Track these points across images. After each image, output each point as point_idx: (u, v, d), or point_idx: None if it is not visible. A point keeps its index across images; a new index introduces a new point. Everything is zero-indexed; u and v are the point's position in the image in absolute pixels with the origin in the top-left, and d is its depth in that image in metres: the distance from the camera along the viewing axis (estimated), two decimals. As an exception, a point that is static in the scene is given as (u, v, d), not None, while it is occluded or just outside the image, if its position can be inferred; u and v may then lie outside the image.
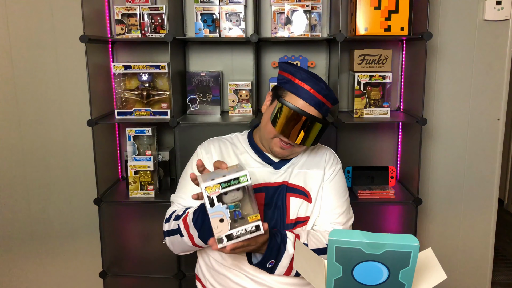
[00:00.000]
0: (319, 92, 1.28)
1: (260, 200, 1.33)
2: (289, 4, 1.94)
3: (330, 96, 1.31)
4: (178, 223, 1.26)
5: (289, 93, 1.31)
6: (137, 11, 1.94)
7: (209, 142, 1.44)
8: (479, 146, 2.18)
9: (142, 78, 1.99)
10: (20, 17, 2.12)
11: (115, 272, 2.08)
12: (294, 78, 1.30)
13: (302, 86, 1.29)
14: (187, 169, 1.43)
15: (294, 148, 1.34)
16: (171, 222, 1.31)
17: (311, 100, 1.28)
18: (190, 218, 1.22)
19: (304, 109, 1.28)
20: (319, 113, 1.31)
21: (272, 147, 1.35)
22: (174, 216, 1.30)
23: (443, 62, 2.12)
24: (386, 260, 0.90)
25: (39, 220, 2.32)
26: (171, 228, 1.30)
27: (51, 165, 2.26)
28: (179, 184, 1.42)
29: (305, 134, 1.29)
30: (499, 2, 2.03)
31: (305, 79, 1.29)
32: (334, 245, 0.89)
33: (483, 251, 2.28)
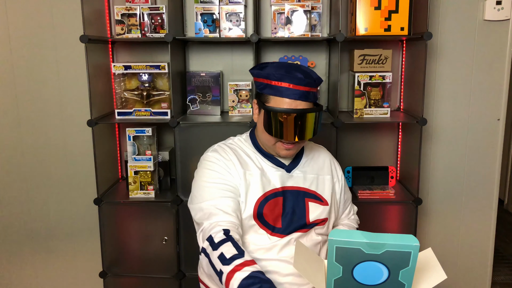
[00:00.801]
0: (298, 84, 1.25)
1: (279, 204, 1.34)
2: (289, 4, 1.94)
3: (311, 82, 1.27)
4: (222, 270, 1.12)
5: (271, 97, 1.29)
6: (137, 11, 1.94)
7: (221, 148, 1.39)
8: (479, 146, 2.18)
9: (142, 78, 1.99)
10: (20, 17, 2.12)
11: (115, 272, 2.08)
12: (270, 81, 1.28)
13: (281, 86, 1.26)
14: (205, 175, 1.34)
15: (299, 144, 1.33)
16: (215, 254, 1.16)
17: (295, 95, 1.26)
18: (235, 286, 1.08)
19: (291, 106, 1.26)
20: (307, 103, 1.28)
21: (278, 152, 1.34)
22: (220, 252, 1.15)
23: (443, 62, 2.12)
24: (386, 260, 0.89)
25: (39, 220, 2.32)
26: (213, 262, 1.17)
27: (51, 165, 2.26)
28: (201, 190, 1.32)
29: (303, 129, 1.27)
30: (499, 2, 2.03)
31: (281, 78, 1.26)
32: (334, 245, 0.89)
33: (483, 251, 2.28)
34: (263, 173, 1.36)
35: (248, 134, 1.46)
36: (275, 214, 1.33)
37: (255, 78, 1.35)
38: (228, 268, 1.11)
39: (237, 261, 1.12)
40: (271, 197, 1.33)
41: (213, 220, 1.24)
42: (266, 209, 1.32)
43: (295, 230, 1.33)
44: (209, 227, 1.23)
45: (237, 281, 1.08)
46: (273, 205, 1.33)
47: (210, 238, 1.20)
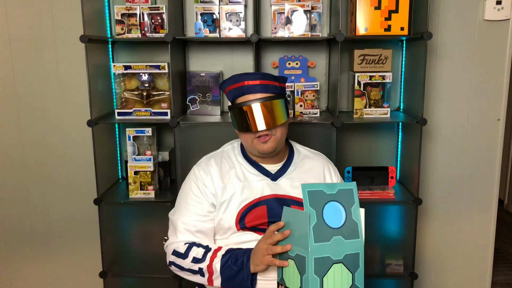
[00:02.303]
0: (254, 79, 1.36)
1: (263, 212, 1.37)
2: (289, 4, 1.94)
3: (267, 76, 1.38)
4: (201, 267, 1.33)
5: (238, 98, 1.39)
6: (137, 11, 1.94)
7: (206, 162, 1.47)
8: (479, 146, 2.18)
9: (142, 78, 1.99)
10: (20, 17, 2.12)
11: (115, 272, 2.08)
12: (231, 86, 1.39)
13: (239, 86, 1.37)
14: (186, 190, 1.46)
15: (273, 136, 1.37)
16: (187, 261, 1.35)
17: (253, 89, 1.36)
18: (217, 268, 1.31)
19: (252, 98, 1.36)
20: (268, 94, 1.37)
21: (258, 149, 1.38)
22: (192, 257, 1.34)
23: (443, 62, 2.12)
24: (340, 199, 1.15)
25: (39, 220, 2.32)
26: (188, 268, 1.35)
27: (51, 165, 2.26)
28: (180, 205, 1.46)
29: (270, 115, 1.34)
30: (499, 2, 2.03)
31: (238, 80, 1.38)
32: (306, 189, 1.13)
33: (483, 251, 2.28)
34: (245, 184, 1.40)
35: (240, 142, 1.51)
36: (260, 221, 1.37)
37: (225, 90, 1.45)
38: (205, 263, 1.32)
39: (209, 254, 1.33)
40: (253, 207, 1.37)
41: (179, 238, 1.40)
42: (249, 219, 1.37)
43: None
44: (173, 243, 1.40)
45: (218, 264, 1.30)
46: (256, 214, 1.37)
47: (174, 252, 1.38)
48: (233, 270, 1.28)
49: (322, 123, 1.90)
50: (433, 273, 2.31)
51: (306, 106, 2.02)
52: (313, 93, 2.02)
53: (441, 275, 2.31)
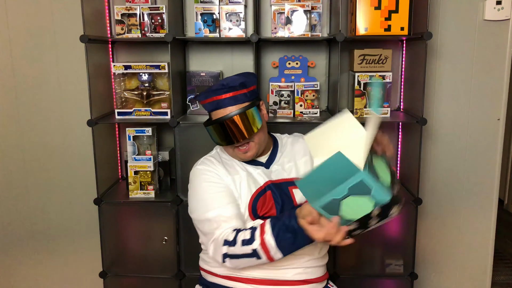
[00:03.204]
0: (218, 94, 1.39)
1: (269, 197, 1.41)
2: (289, 4, 1.94)
3: (233, 87, 1.39)
4: (254, 248, 1.26)
5: (211, 113, 1.44)
6: (137, 11, 1.94)
7: (206, 160, 1.49)
8: (479, 146, 2.18)
9: (142, 78, 1.99)
10: (20, 17, 2.12)
11: (115, 272, 2.08)
12: (203, 101, 1.44)
13: (211, 101, 1.41)
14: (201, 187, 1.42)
15: (252, 144, 1.41)
16: (237, 247, 1.28)
17: (223, 104, 1.39)
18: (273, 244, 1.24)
19: (223, 114, 1.39)
20: (239, 105, 1.40)
21: (240, 158, 1.45)
22: (241, 241, 1.28)
23: (443, 62, 2.12)
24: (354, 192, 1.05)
25: (39, 220, 2.32)
26: (242, 253, 1.28)
27: (51, 165, 2.26)
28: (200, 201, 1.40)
29: (245, 126, 1.38)
30: (499, 2, 2.03)
31: (207, 95, 1.41)
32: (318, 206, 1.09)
33: (483, 251, 2.28)
34: (249, 174, 1.44)
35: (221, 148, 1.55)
36: (269, 206, 1.39)
37: (202, 104, 1.49)
38: (257, 242, 1.25)
39: (257, 232, 1.26)
40: (260, 195, 1.41)
41: (223, 228, 1.33)
42: (259, 206, 1.39)
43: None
44: (220, 235, 1.32)
45: (272, 240, 1.23)
46: (263, 200, 1.40)
47: (225, 241, 1.30)
48: (288, 239, 1.23)
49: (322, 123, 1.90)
50: (433, 273, 2.31)
51: (306, 106, 2.02)
52: (313, 93, 2.02)
53: (441, 275, 2.31)
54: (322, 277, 1.46)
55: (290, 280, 1.37)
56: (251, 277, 1.37)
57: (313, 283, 1.41)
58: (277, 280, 1.37)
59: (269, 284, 1.37)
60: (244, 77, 1.43)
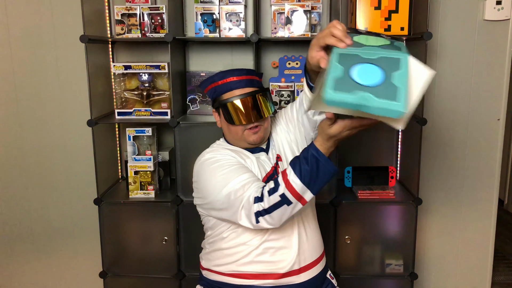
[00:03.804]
0: (240, 75, 1.42)
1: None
2: (289, 4, 1.94)
3: (251, 71, 1.45)
4: (281, 193, 1.19)
5: (223, 94, 1.43)
6: (137, 11, 1.94)
7: (213, 148, 1.49)
8: (479, 146, 2.18)
9: (142, 78, 1.99)
10: (20, 17, 2.12)
11: (115, 272, 2.08)
12: (216, 83, 1.44)
13: (226, 82, 1.42)
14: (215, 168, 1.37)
15: (263, 126, 1.43)
16: (266, 199, 1.22)
17: (241, 84, 1.42)
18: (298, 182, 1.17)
19: (242, 92, 1.41)
20: (254, 88, 1.43)
21: (249, 140, 1.43)
22: (267, 192, 1.22)
23: (443, 62, 2.12)
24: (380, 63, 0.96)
25: (39, 220, 2.32)
26: (271, 204, 1.21)
27: (51, 165, 2.26)
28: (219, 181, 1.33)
29: (261, 107, 1.40)
30: (499, 2, 2.03)
31: (224, 76, 1.42)
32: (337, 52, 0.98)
33: (483, 251, 2.28)
34: (257, 158, 1.45)
35: (223, 140, 1.54)
36: None
37: (205, 90, 1.49)
38: (282, 186, 1.19)
39: (280, 177, 1.21)
40: (271, 177, 1.42)
41: (250, 190, 1.27)
42: None
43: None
44: (249, 197, 1.26)
45: (295, 178, 1.17)
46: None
47: (255, 199, 1.24)
48: (312, 170, 1.16)
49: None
50: (433, 273, 2.31)
51: None
52: (313, 93, 2.02)
53: (441, 275, 2.31)
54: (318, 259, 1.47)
55: (288, 272, 1.38)
56: (254, 272, 1.38)
57: (310, 268, 1.42)
58: (276, 274, 1.38)
59: (270, 278, 1.38)
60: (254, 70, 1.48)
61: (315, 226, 1.50)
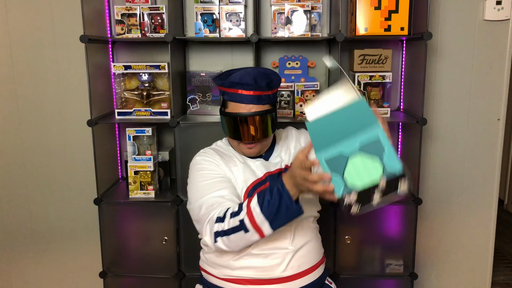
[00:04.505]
0: (248, 89, 1.36)
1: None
2: (289, 4, 1.94)
3: (261, 87, 1.37)
4: (241, 219, 1.21)
5: (228, 102, 1.41)
6: (137, 11, 1.94)
7: (204, 152, 1.50)
8: (479, 146, 2.18)
9: (142, 78, 1.99)
10: (20, 17, 2.12)
11: (115, 272, 2.08)
12: (225, 88, 1.40)
13: (234, 92, 1.39)
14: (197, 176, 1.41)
15: (259, 144, 1.43)
16: (226, 221, 1.24)
17: (247, 100, 1.37)
18: (258, 211, 1.19)
19: (245, 110, 1.37)
20: (261, 106, 1.39)
21: (243, 152, 1.45)
22: (230, 214, 1.24)
23: (443, 62, 2.12)
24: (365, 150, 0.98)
25: (39, 220, 2.32)
26: (231, 227, 1.23)
27: (51, 165, 2.26)
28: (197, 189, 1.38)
29: (260, 128, 1.38)
30: (499, 2, 2.03)
31: (233, 85, 1.37)
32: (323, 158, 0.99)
33: (483, 251, 2.28)
34: (246, 165, 1.45)
35: (226, 140, 1.57)
36: None
37: (218, 86, 1.47)
38: (244, 212, 1.22)
39: (245, 203, 1.24)
40: (258, 186, 1.41)
41: (217, 209, 1.29)
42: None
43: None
44: (214, 215, 1.28)
45: (256, 206, 1.19)
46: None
47: (217, 219, 1.27)
48: (273, 204, 1.17)
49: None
50: (433, 273, 2.31)
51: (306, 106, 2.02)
52: (313, 93, 2.02)
53: (441, 275, 2.31)
54: (315, 266, 1.45)
55: (280, 278, 1.37)
56: (247, 277, 1.37)
57: (306, 274, 1.40)
58: (270, 279, 1.36)
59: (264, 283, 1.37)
60: (271, 77, 1.42)
61: (313, 233, 1.48)
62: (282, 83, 2.05)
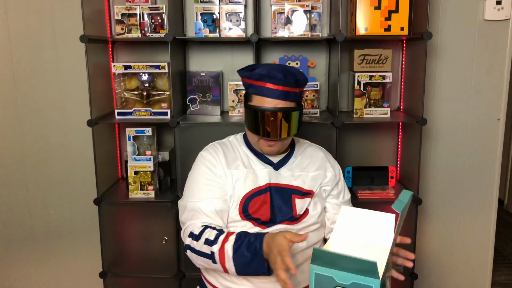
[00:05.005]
0: (278, 84, 1.31)
1: (267, 200, 1.37)
2: (289, 4, 1.94)
3: (290, 83, 1.32)
4: (213, 251, 1.24)
5: (254, 96, 1.36)
6: (137, 11, 1.94)
7: (212, 147, 1.48)
8: (479, 146, 2.18)
9: (142, 78, 1.99)
10: (20, 17, 2.12)
11: (115, 272, 2.08)
12: (252, 80, 1.35)
13: (261, 85, 1.32)
14: (196, 175, 1.43)
15: (282, 141, 1.38)
16: (199, 243, 1.27)
17: (274, 95, 1.32)
18: (230, 255, 1.22)
19: (272, 105, 1.32)
20: (287, 102, 1.33)
21: (261, 148, 1.41)
22: (204, 239, 1.27)
23: (443, 62, 2.12)
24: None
25: (39, 220, 2.32)
26: (201, 250, 1.27)
27: (51, 165, 2.26)
28: (192, 189, 1.41)
29: (282, 127, 1.33)
30: (499, 2, 2.03)
31: (261, 78, 1.32)
32: (314, 271, 0.99)
33: (483, 251, 2.28)
34: (250, 170, 1.41)
35: (242, 134, 1.53)
36: (263, 210, 1.36)
37: (242, 78, 1.42)
38: (217, 246, 1.23)
39: (221, 237, 1.25)
40: (256, 195, 1.38)
41: (195, 221, 1.34)
42: (252, 206, 1.36)
43: (281, 222, 1.38)
44: (190, 226, 1.34)
45: (230, 250, 1.21)
46: (260, 202, 1.37)
47: (191, 234, 1.31)
48: (246, 257, 1.19)
49: (322, 123, 1.90)
50: (433, 273, 2.31)
51: (306, 106, 2.02)
52: (313, 93, 2.02)
53: (441, 275, 2.31)
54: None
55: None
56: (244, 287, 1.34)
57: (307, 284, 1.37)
58: None
59: None
60: (298, 76, 1.36)
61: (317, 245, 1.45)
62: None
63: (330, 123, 1.87)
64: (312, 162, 1.48)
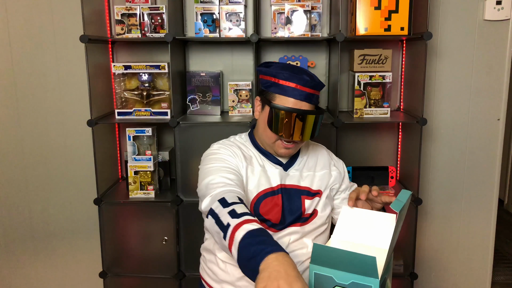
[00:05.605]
0: (305, 85, 1.29)
1: (278, 202, 1.35)
2: (289, 4, 1.94)
3: (316, 85, 1.31)
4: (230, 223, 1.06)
5: (277, 95, 1.31)
6: (137, 11, 1.94)
7: (223, 142, 1.42)
8: (479, 146, 2.18)
9: (142, 78, 1.99)
10: (20, 17, 2.12)
11: (115, 272, 2.08)
12: (278, 79, 1.31)
13: (288, 85, 1.29)
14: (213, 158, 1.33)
15: (298, 144, 1.37)
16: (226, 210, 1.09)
17: (300, 96, 1.29)
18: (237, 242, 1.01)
19: (296, 106, 1.29)
20: (310, 105, 1.32)
21: (277, 150, 1.36)
22: (232, 209, 1.09)
23: (443, 62, 2.12)
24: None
25: (39, 220, 2.32)
26: (221, 219, 1.09)
27: (51, 165, 2.26)
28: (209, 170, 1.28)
29: (305, 129, 1.30)
30: (499, 2, 2.03)
31: (288, 78, 1.29)
32: (313, 271, 0.99)
33: (483, 251, 2.28)
34: (264, 170, 1.38)
35: (247, 134, 1.48)
36: (274, 212, 1.34)
37: (262, 75, 1.37)
38: (237, 221, 1.04)
39: (248, 217, 1.06)
40: (269, 195, 1.35)
41: (228, 188, 1.19)
42: (263, 207, 1.33)
43: (290, 225, 1.36)
44: (221, 192, 1.17)
45: (244, 231, 1.01)
46: (272, 203, 1.34)
47: (222, 199, 1.13)
48: (248, 252, 1.00)
49: (322, 123, 1.90)
50: (433, 273, 2.31)
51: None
52: (313, 93, 2.02)
53: (441, 275, 2.31)
54: None
55: None
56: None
57: None
58: None
59: None
60: (316, 79, 1.33)
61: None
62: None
63: (330, 123, 1.87)
64: (318, 161, 1.48)
